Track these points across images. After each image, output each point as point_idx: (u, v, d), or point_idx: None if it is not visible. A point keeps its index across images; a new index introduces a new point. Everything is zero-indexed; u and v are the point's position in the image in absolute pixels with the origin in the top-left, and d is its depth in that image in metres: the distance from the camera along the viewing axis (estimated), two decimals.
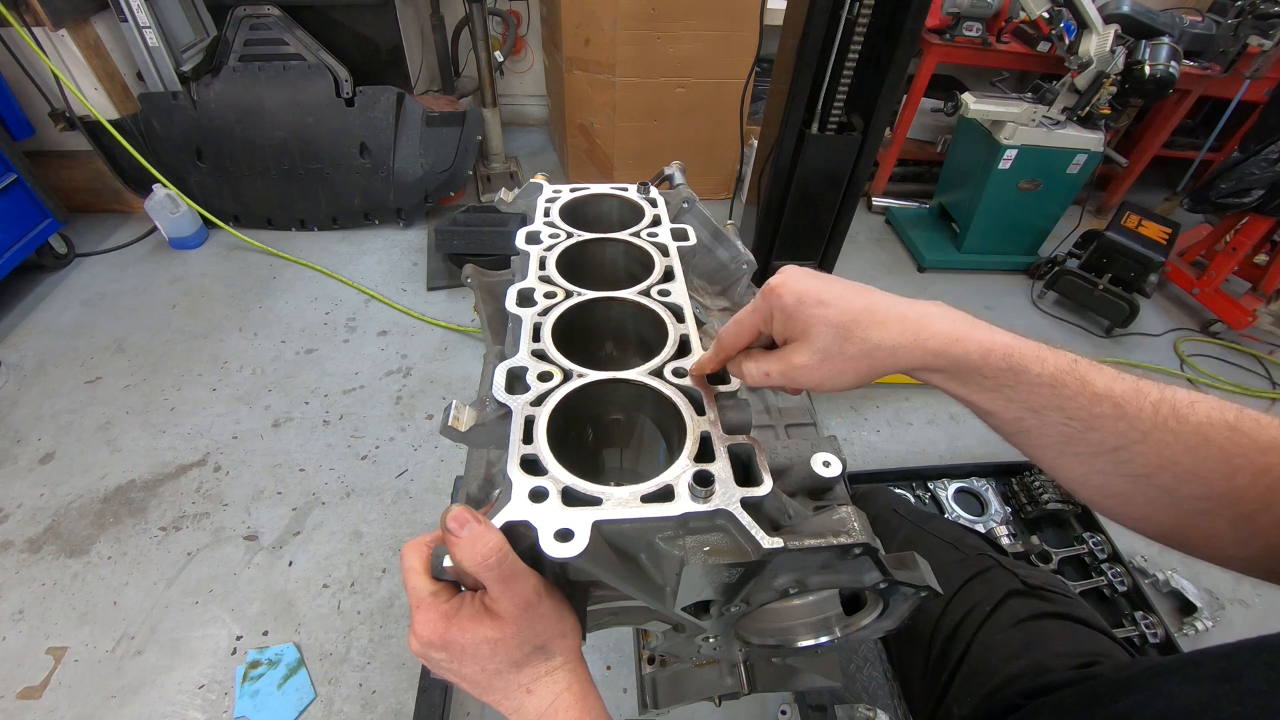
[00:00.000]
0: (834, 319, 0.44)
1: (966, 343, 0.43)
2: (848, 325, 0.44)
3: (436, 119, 2.64)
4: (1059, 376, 0.43)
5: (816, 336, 0.45)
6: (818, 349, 0.45)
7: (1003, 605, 0.75)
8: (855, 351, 0.44)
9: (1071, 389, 0.42)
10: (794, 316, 0.46)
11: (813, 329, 0.45)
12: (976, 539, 0.89)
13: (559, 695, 0.44)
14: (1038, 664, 0.68)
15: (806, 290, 0.45)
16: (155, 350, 2.11)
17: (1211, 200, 2.42)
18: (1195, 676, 0.45)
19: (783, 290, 0.46)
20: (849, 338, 0.44)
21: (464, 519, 0.39)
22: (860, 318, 0.44)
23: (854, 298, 0.45)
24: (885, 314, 0.44)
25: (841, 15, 1.38)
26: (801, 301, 0.45)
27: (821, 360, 0.45)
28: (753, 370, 0.49)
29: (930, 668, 0.77)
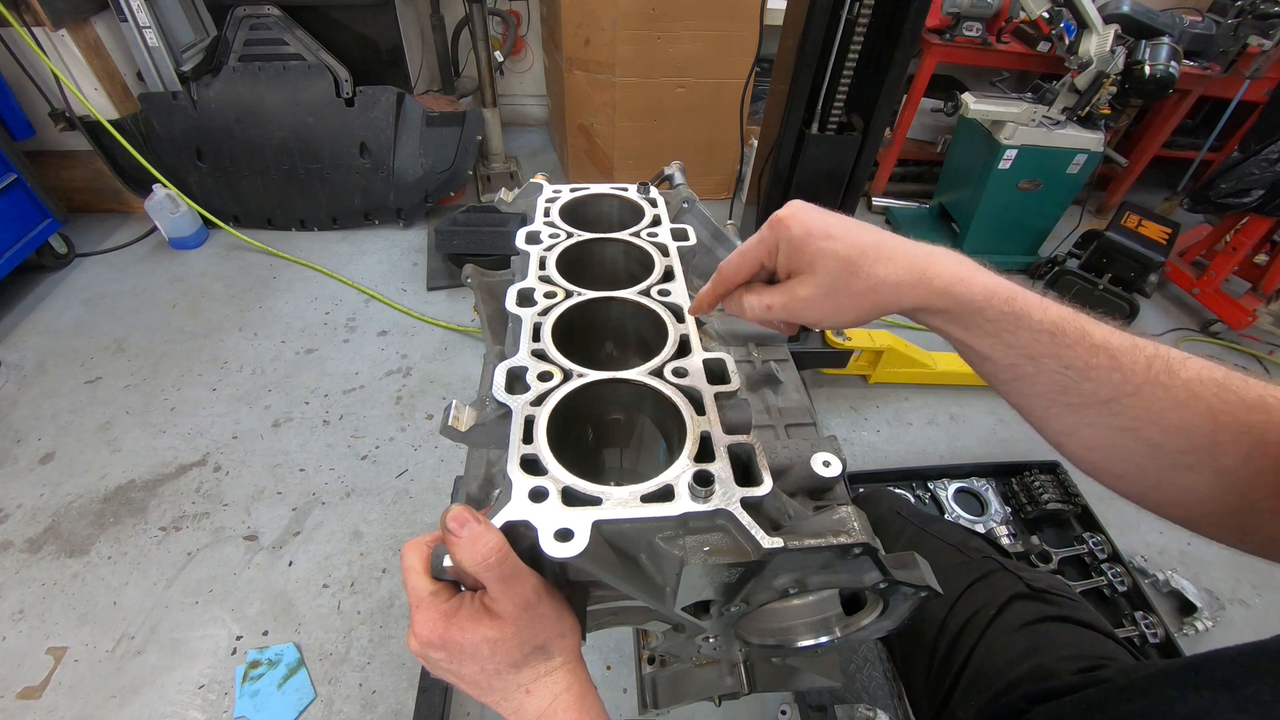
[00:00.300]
0: (841, 252, 0.44)
1: (971, 284, 0.44)
2: (854, 259, 0.44)
3: (436, 119, 2.64)
4: (1060, 324, 0.43)
5: (823, 270, 0.44)
6: (823, 283, 0.44)
7: (1007, 608, 0.75)
8: (861, 286, 0.44)
9: (1071, 337, 0.43)
10: (801, 249, 0.45)
11: (819, 262, 0.44)
12: (980, 542, 0.89)
13: (558, 696, 0.44)
14: (1042, 668, 0.68)
15: (814, 223, 0.45)
16: (155, 350, 2.11)
17: (1211, 200, 2.42)
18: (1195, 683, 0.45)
19: (791, 222, 0.45)
20: (855, 272, 0.44)
21: (464, 519, 0.39)
22: (867, 252, 0.44)
23: (861, 233, 0.45)
24: (892, 250, 0.44)
25: (841, 15, 1.38)
26: (809, 234, 0.44)
27: (826, 294, 0.45)
28: (754, 302, 0.48)
29: (934, 671, 0.77)
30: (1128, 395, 0.42)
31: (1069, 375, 0.43)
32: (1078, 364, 0.43)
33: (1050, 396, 0.45)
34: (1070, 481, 1.78)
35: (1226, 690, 0.42)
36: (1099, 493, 1.87)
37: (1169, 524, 0.46)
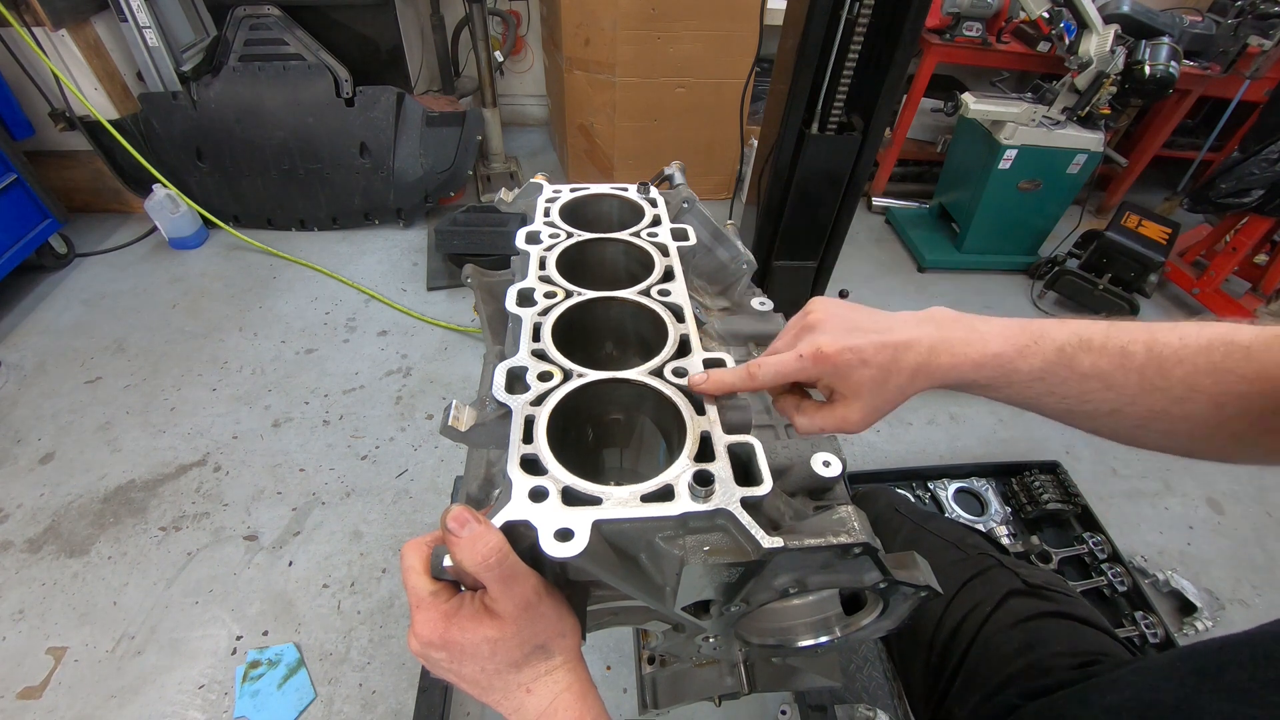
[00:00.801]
0: (876, 376, 0.50)
1: (963, 366, 0.50)
2: (882, 380, 0.50)
3: (436, 119, 2.64)
4: (1047, 369, 0.48)
5: (865, 395, 0.51)
6: (867, 405, 0.51)
7: (1004, 605, 0.75)
8: (892, 396, 0.51)
9: (1060, 376, 0.48)
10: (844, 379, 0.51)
11: (862, 390, 0.51)
12: (978, 539, 0.89)
13: (559, 695, 0.44)
14: (1038, 664, 0.68)
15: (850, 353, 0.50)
16: (155, 350, 2.11)
17: (1211, 200, 2.43)
18: (1181, 672, 0.46)
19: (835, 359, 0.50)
20: (885, 387, 0.51)
21: (464, 519, 0.39)
22: (890, 368, 0.50)
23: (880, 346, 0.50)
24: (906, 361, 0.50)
25: (841, 15, 1.38)
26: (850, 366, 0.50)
27: (869, 411, 0.51)
28: (805, 424, 0.53)
29: (931, 668, 0.77)
30: (1126, 405, 0.47)
31: (1070, 402, 0.49)
32: (1073, 395, 0.48)
33: (1062, 416, 0.51)
34: (1070, 481, 1.78)
35: (1209, 678, 0.44)
36: (1099, 493, 1.87)
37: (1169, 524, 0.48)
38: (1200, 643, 0.47)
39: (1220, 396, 0.44)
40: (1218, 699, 0.42)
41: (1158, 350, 0.46)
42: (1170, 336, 0.46)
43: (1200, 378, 0.44)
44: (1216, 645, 0.45)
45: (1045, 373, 0.48)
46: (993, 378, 0.50)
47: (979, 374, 0.50)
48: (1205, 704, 0.43)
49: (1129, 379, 0.46)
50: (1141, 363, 0.46)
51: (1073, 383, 0.48)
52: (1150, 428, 0.47)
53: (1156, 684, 0.47)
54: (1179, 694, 0.45)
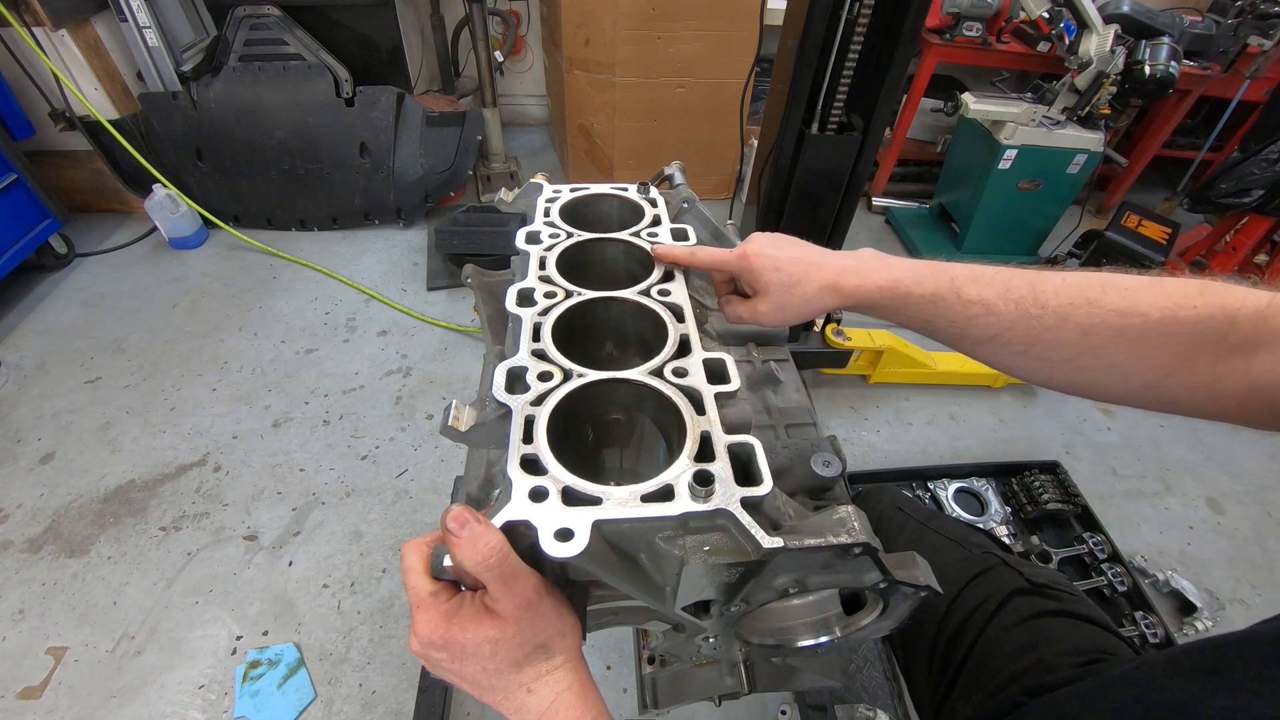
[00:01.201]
0: (783, 280, 0.61)
1: (866, 287, 0.58)
2: (790, 284, 0.61)
3: (436, 119, 2.64)
4: (938, 295, 0.56)
5: (772, 292, 0.62)
6: (773, 300, 0.62)
7: (1007, 603, 0.75)
8: (797, 300, 0.61)
9: (948, 301, 0.55)
10: (756, 278, 0.62)
11: (771, 290, 0.62)
12: (981, 537, 0.89)
13: (560, 694, 0.44)
14: (1041, 662, 0.68)
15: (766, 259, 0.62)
16: (155, 350, 2.11)
17: (1211, 200, 2.43)
18: (1185, 670, 0.46)
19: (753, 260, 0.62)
20: (792, 290, 0.61)
21: (464, 519, 0.39)
22: (798, 276, 0.60)
23: (798, 262, 0.61)
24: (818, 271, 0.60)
25: (841, 15, 1.38)
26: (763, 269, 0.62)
27: (776, 308, 0.62)
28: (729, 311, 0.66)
29: (935, 666, 0.77)
30: (1005, 330, 0.54)
31: (957, 327, 0.56)
32: (960, 319, 0.55)
33: (954, 341, 0.58)
34: (1070, 481, 1.78)
35: (1214, 676, 0.44)
36: (1099, 493, 1.87)
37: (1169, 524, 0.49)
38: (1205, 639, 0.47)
39: (1090, 327, 0.50)
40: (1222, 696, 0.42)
41: (1039, 285, 0.53)
42: (1055, 277, 0.53)
43: (1073, 309, 0.51)
44: (1221, 642, 0.45)
45: (936, 297, 0.56)
46: (891, 300, 0.58)
47: (880, 295, 0.58)
48: (1209, 701, 0.42)
49: (1007, 307, 0.53)
50: (1021, 295, 0.53)
51: (959, 307, 0.55)
52: (1030, 353, 0.54)
53: (1161, 682, 0.47)
54: (1183, 691, 0.45)
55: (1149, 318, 0.48)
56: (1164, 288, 0.49)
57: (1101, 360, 0.51)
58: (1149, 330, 0.48)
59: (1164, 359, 0.48)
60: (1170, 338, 0.48)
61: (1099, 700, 0.53)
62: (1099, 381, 0.53)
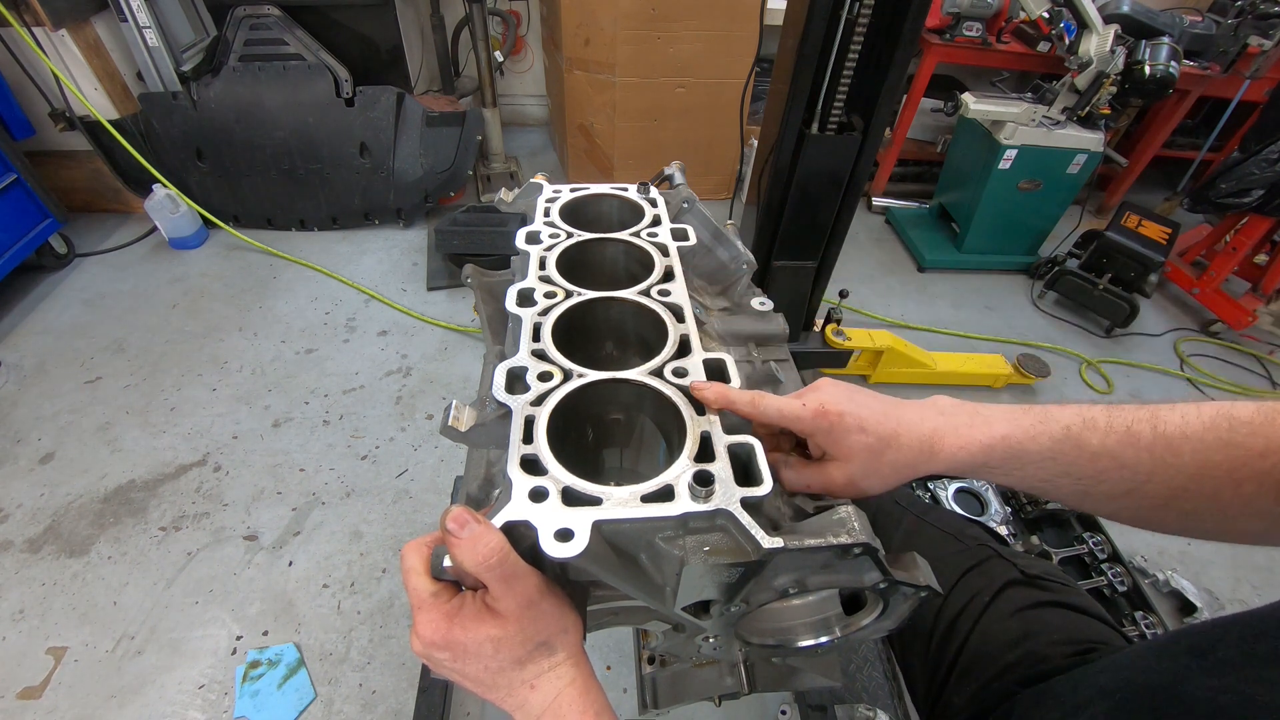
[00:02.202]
0: (871, 445, 0.51)
1: (970, 448, 0.50)
2: (879, 450, 0.51)
3: (436, 119, 2.64)
4: (1056, 449, 0.48)
5: (857, 461, 0.51)
6: (855, 470, 0.51)
7: (1001, 595, 0.76)
8: (886, 471, 0.51)
9: (1070, 456, 0.48)
10: (839, 441, 0.51)
11: (855, 455, 0.51)
12: (977, 530, 0.90)
13: (562, 690, 0.45)
14: (1035, 653, 0.68)
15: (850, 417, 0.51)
16: (155, 350, 2.11)
17: (1211, 200, 2.43)
18: (1171, 651, 0.47)
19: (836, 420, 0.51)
20: (880, 459, 0.51)
21: (464, 520, 0.39)
22: (889, 441, 0.51)
23: (885, 421, 0.51)
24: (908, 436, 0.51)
25: (841, 15, 1.38)
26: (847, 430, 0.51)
27: (858, 479, 0.52)
28: (793, 478, 0.54)
29: (930, 657, 0.77)
30: (1143, 484, 0.46)
31: (1083, 484, 0.48)
32: (1086, 474, 0.48)
33: (1078, 499, 0.50)
34: None
35: (1199, 656, 0.44)
36: None
37: None
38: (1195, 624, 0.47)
39: (1236, 473, 0.43)
40: (1208, 676, 0.42)
41: (1163, 429, 0.46)
42: (1173, 415, 0.46)
43: (1211, 454, 0.44)
44: (1209, 625, 0.46)
45: (1055, 452, 0.48)
46: (1003, 460, 0.49)
47: (989, 456, 0.50)
48: (1195, 681, 0.43)
49: (1140, 457, 0.46)
50: (1149, 441, 0.46)
51: (1084, 463, 0.47)
52: (1172, 507, 0.46)
53: (1149, 664, 0.48)
54: (1170, 672, 0.45)
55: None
56: None
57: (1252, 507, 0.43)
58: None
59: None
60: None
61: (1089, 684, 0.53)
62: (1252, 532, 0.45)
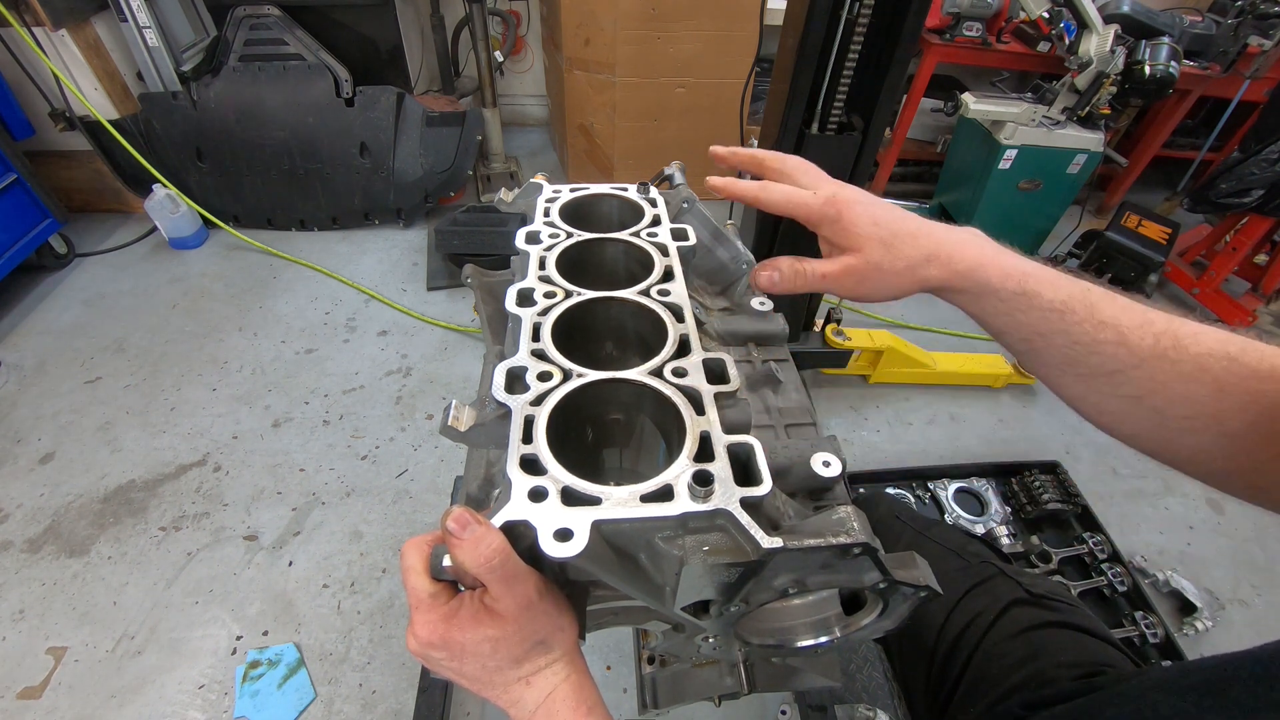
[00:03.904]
0: (885, 237, 0.49)
1: (988, 268, 0.48)
2: (893, 243, 0.49)
3: (436, 119, 2.64)
4: (1069, 303, 0.47)
5: (869, 250, 0.49)
6: (870, 260, 0.49)
7: (1006, 614, 0.75)
8: (900, 265, 0.49)
9: (1079, 315, 0.46)
10: (851, 230, 0.50)
11: (867, 245, 0.49)
12: (980, 546, 0.89)
13: (557, 686, 0.45)
14: (1040, 674, 0.68)
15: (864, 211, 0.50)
16: (155, 350, 2.11)
17: (1211, 200, 2.43)
18: (1182, 687, 0.46)
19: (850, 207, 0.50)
20: (894, 252, 0.49)
21: (465, 520, 0.39)
22: (904, 236, 0.49)
23: (903, 220, 0.50)
24: (926, 235, 0.49)
25: (841, 15, 1.38)
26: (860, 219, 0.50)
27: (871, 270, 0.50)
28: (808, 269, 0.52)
29: (933, 677, 0.77)
30: (1132, 368, 0.46)
31: (1076, 350, 0.47)
32: (1084, 340, 0.46)
33: (1060, 367, 0.49)
34: (1070, 481, 1.78)
35: (1211, 695, 0.43)
36: (1099, 493, 1.87)
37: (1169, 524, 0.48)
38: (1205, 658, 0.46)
39: (1226, 384, 0.43)
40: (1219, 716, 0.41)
41: (1178, 327, 0.45)
42: (1193, 322, 0.46)
43: (1213, 360, 0.44)
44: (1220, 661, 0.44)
45: (1067, 307, 0.47)
46: (1014, 294, 0.48)
47: (1004, 283, 0.48)
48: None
49: (1144, 340, 0.45)
50: (1160, 330, 0.45)
51: (1089, 327, 0.46)
52: (1145, 401, 0.46)
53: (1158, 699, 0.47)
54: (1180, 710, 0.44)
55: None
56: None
57: (1220, 427, 0.44)
58: None
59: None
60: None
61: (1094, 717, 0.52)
62: (1202, 450, 0.46)
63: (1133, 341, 0.45)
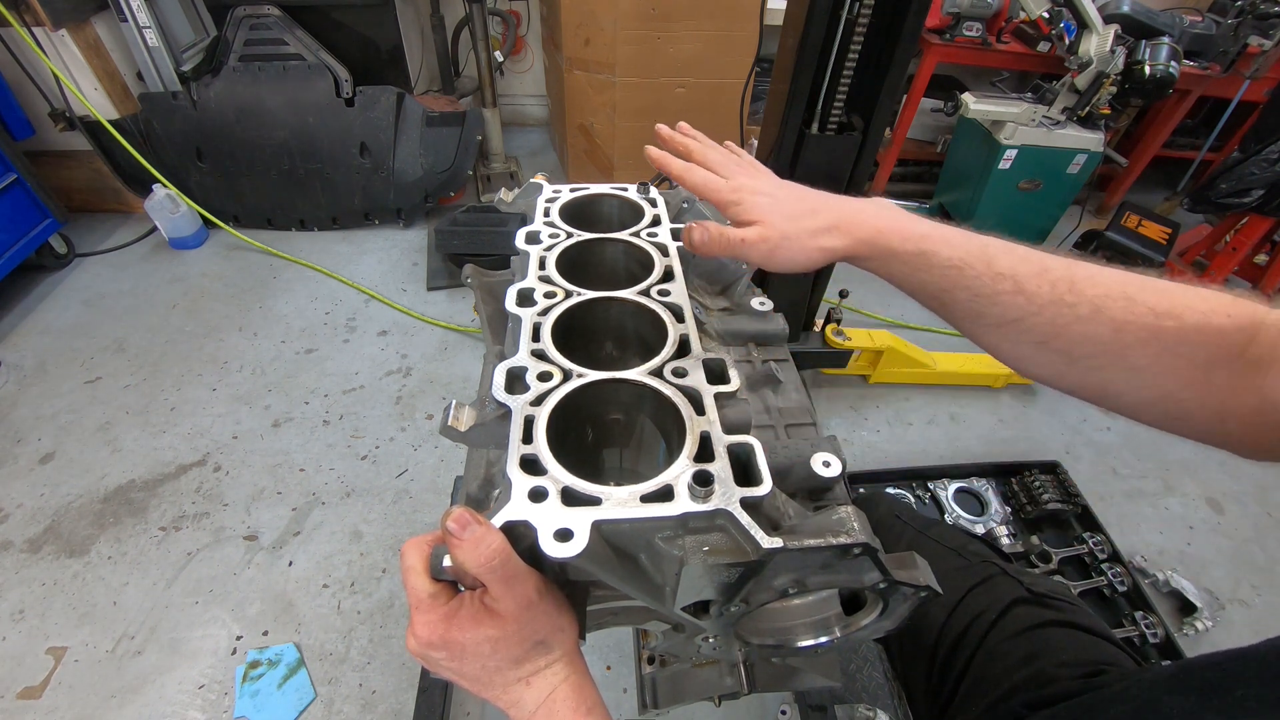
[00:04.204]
0: (786, 212, 0.53)
1: (889, 233, 0.51)
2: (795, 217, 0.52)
3: (436, 119, 2.64)
4: (965, 259, 0.50)
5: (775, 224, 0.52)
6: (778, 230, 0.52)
7: (1007, 613, 0.75)
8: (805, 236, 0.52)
9: (976, 269, 0.49)
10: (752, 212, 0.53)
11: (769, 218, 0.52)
12: (980, 545, 0.89)
13: (557, 686, 0.45)
14: (1042, 674, 0.68)
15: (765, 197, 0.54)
16: (155, 350, 2.11)
17: (1211, 200, 2.43)
18: (1185, 687, 0.46)
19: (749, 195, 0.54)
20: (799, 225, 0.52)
21: (465, 521, 0.39)
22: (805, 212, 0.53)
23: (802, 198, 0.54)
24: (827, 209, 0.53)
25: (841, 15, 1.38)
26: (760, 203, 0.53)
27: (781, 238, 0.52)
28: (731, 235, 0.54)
29: (935, 676, 0.77)
30: (1032, 315, 0.48)
31: (979, 302, 0.50)
32: (985, 292, 0.49)
33: (969, 320, 0.52)
34: (1070, 481, 1.78)
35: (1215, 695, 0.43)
36: (1099, 493, 1.87)
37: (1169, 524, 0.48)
38: (1207, 655, 0.46)
39: (1124, 323, 0.46)
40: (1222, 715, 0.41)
41: (1075, 270, 0.48)
42: (1091, 266, 0.49)
43: (1110, 302, 0.46)
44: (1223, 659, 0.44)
45: (964, 262, 0.49)
46: (914, 256, 0.51)
47: (903, 244, 0.51)
48: None
49: (1041, 287, 0.48)
50: (1056, 277, 0.48)
51: (986, 279, 0.49)
52: (1050, 345, 0.49)
53: (1160, 698, 0.47)
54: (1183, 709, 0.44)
55: (1184, 321, 0.45)
56: (1200, 294, 0.46)
57: (1124, 363, 0.47)
58: (1181, 335, 0.45)
59: (1185, 369, 0.45)
60: (1198, 346, 0.45)
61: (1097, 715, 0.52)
62: (1113, 385, 0.49)
63: (1030, 290, 0.48)
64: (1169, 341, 0.45)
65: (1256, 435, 0.45)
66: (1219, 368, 0.44)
